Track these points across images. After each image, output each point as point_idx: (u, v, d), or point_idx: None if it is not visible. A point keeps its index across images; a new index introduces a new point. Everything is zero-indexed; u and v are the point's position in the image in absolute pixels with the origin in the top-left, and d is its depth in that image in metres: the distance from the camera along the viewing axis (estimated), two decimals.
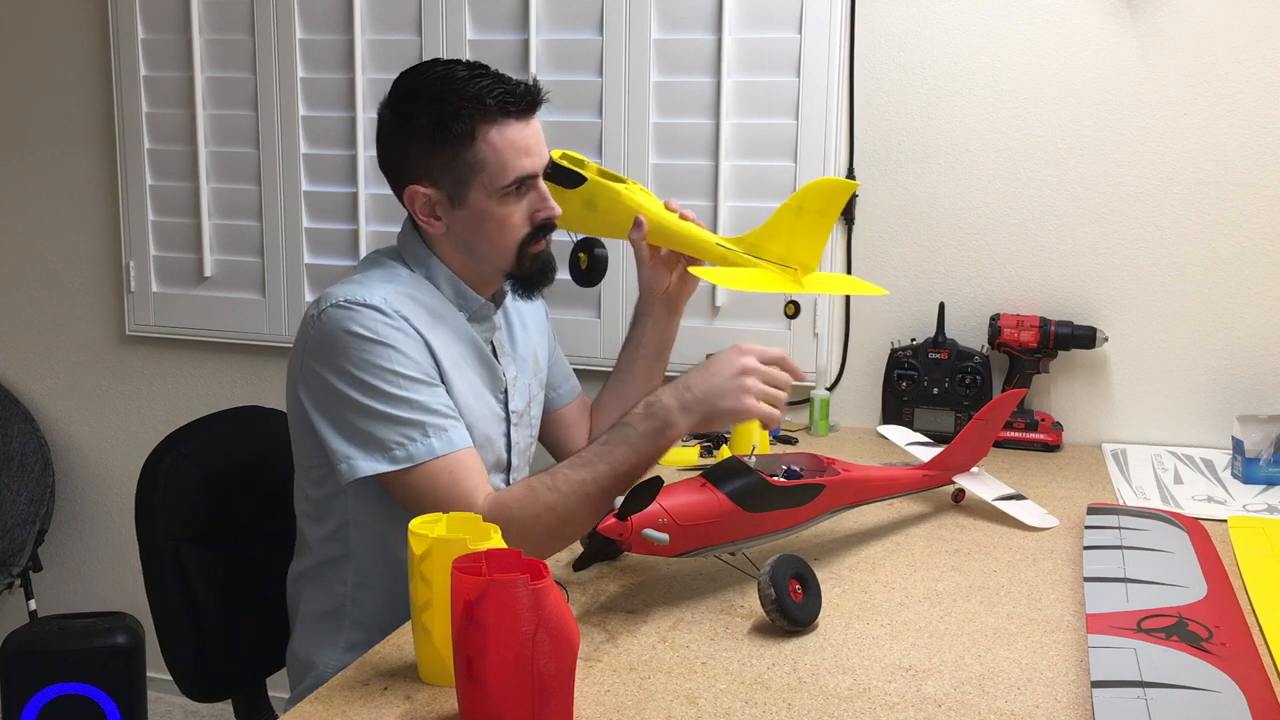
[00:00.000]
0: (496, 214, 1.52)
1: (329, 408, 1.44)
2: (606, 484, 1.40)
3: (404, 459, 1.41)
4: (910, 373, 2.17)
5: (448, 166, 1.50)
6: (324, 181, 2.54)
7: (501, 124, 1.48)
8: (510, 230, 1.54)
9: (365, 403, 1.41)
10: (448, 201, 1.52)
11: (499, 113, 1.48)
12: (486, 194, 1.50)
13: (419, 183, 1.52)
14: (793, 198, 1.65)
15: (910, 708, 1.11)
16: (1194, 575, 1.41)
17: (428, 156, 1.51)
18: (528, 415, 1.71)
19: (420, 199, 1.53)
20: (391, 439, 1.41)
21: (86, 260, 2.76)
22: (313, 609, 1.58)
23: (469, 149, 1.48)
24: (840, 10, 2.20)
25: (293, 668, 1.62)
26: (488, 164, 1.49)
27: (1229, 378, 2.13)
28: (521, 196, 1.53)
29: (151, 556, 1.61)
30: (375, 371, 1.42)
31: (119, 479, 2.81)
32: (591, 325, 2.39)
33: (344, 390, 1.42)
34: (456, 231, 1.54)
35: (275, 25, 2.51)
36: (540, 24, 2.36)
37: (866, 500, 1.54)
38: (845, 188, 1.65)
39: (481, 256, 1.56)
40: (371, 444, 1.41)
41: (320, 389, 1.44)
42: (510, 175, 1.50)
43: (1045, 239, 2.18)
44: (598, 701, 1.11)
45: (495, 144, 1.48)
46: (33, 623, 2.00)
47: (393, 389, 1.42)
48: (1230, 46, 2.06)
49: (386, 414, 1.41)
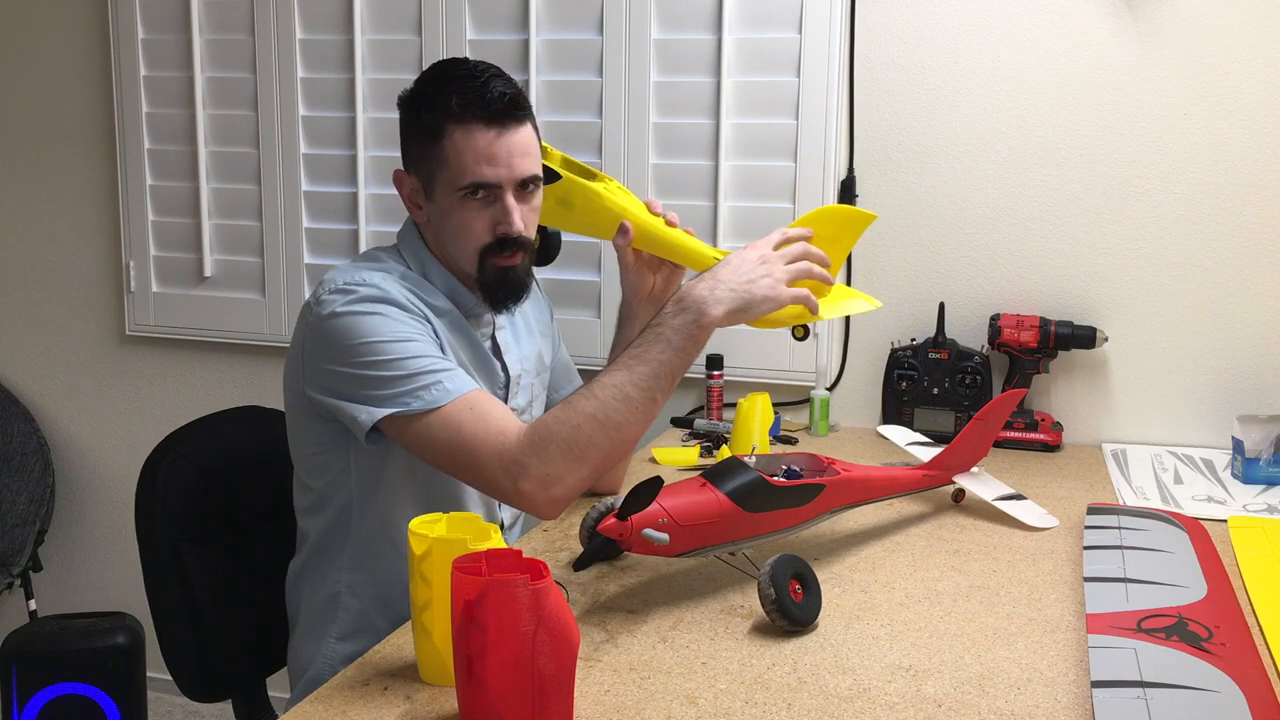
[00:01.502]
0: (457, 214, 1.52)
1: (338, 384, 1.44)
2: (646, 384, 1.35)
3: (420, 406, 1.39)
4: (910, 373, 2.17)
5: (422, 157, 1.53)
6: (324, 181, 2.54)
7: (468, 127, 1.48)
8: (470, 235, 1.52)
9: (372, 371, 1.41)
10: (423, 192, 1.55)
11: (464, 115, 1.48)
12: (448, 192, 1.51)
13: (406, 168, 1.57)
14: (801, 220, 1.60)
15: (910, 708, 1.11)
16: (1194, 575, 1.41)
17: (410, 144, 1.55)
18: (529, 413, 1.71)
19: (407, 184, 1.57)
20: (405, 391, 1.40)
21: (86, 260, 2.76)
22: (311, 602, 1.59)
23: (436, 144, 1.50)
24: (840, 10, 2.20)
25: (293, 666, 1.63)
26: (448, 162, 1.49)
27: (1229, 378, 2.14)
28: (486, 204, 1.51)
29: (151, 556, 1.61)
30: (379, 340, 1.42)
31: (119, 479, 2.81)
32: (591, 325, 2.39)
33: (351, 364, 1.43)
34: (433, 223, 1.57)
35: (275, 25, 2.51)
36: (540, 24, 2.36)
37: (866, 500, 1.54)
38: (862, 219, 1.60)
39: (450, 253, 1.57)
40: (387, 398, 1.41)
41: (327, 372, 1.45)
42: (465, 179, 1.49)
43: (1045, 239, 2.19)
44: (598, 701, 1.11)
45: (457, 145, 1.48)
46: (33, 623, 2.00)
47: (399, 351, 1.41)
48: (1230, 46, 2.06)
49: (395, 374, 1.40)
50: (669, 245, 1.65)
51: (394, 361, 1.41)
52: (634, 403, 1.35)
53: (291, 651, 1.62)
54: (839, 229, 1.60)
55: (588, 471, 1.36)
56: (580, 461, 1.34)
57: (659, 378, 1.36)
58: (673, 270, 1.71)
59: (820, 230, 1.57)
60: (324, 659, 1.56)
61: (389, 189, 2.49)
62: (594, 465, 1.36)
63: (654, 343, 1.37)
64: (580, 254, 2.34)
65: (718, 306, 1.38)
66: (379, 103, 2.48)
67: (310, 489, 1.57)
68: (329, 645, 1.56)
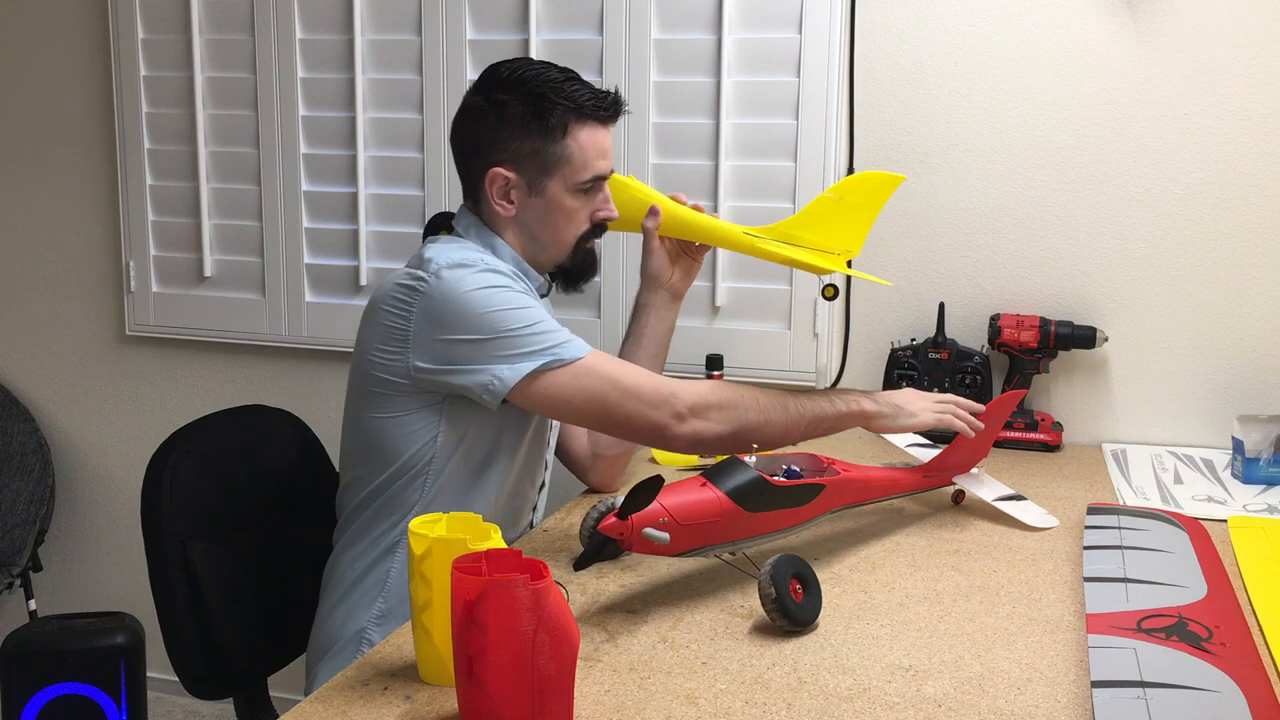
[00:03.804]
0: (567, 206, 1.61)
1: (467, 353, 1.49)
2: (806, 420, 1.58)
3: (570, 355, 1.50)
4: (910, 373, 2.17)
5: (534, 155, 1.58)
6: (324, 181, 2.54)
7: (591, 126, 1.59)
8: (574, 224, 1.63)
9: (512, 334, 1.49)
10: (525, 188, 1.60)
11: (590, 115, 1.59)
12: (564, 187, 1.60)
13: (502, 166, 1.59)
14: (831, 190, 1.70)
15: (910, 708, 1.11)
16: (1194, 575, 1.41)
17: (518, 143, 1.58)
18: None
19: (499, 181, 1.60)
20: (543, 346, 1.49)
21: (86, 260, 2.76)
22: (352, 577, 1.60)
23: (558, 143, 1.58)
24: (840, 10, 2.20)
25: (316, 646, 1.63)
26: (572, 159, 1.58)
27: (1229, 378, 2.13)
28: (591, 195, 1.63)
29: (157, 554, 1.61)
30: (509, 308, 1.50)
31: (119, 479, 2.81)
32: (591, 325, 2.39)
33: (485, 332, 1.48)
34: (524, 217, 1.62)
35: (275, 25, 2.51)
36: (540, 24, 2.36)
37: (866, 500, 1.55)
38: (890, 181, 1.69)
39: (541, 244, 1.64)
40: (532, 353, 1.49)
41: (449, 344, 1.49)
42: (589, 173, 1.60)
43: (1045, 239, 2.19)
44: (598, 701, 1.11)
45: (582, 142, 1.59)
46: (33, 623, 2.00)
47: (528, 318, 1.50)
48: (1230, 46, 2.06)
49: (533, 333, 1.49)
50: (701, 229, 1.74)
51: (527, 325, 1.49)
52: (790, 415, 1.57)
53: (320, 630, 1.63)
54: (868, 195, 1.69)
55: (730, 433, 1.53)
56: (729, 421, 1.52)
57: (815, 416, 1.59)
58: (690, 263, 1.79)
59: (849, 198, 1.69)
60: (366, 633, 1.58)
61: (389, 189, 2.49)
62: (737, 435, 1.53)
63: (834, 403, 1.61)
64: None
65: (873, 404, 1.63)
66: (379, 103, 2.47)
67: (380, 464, 1.58)
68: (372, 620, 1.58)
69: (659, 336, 1.79)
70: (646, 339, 1.79)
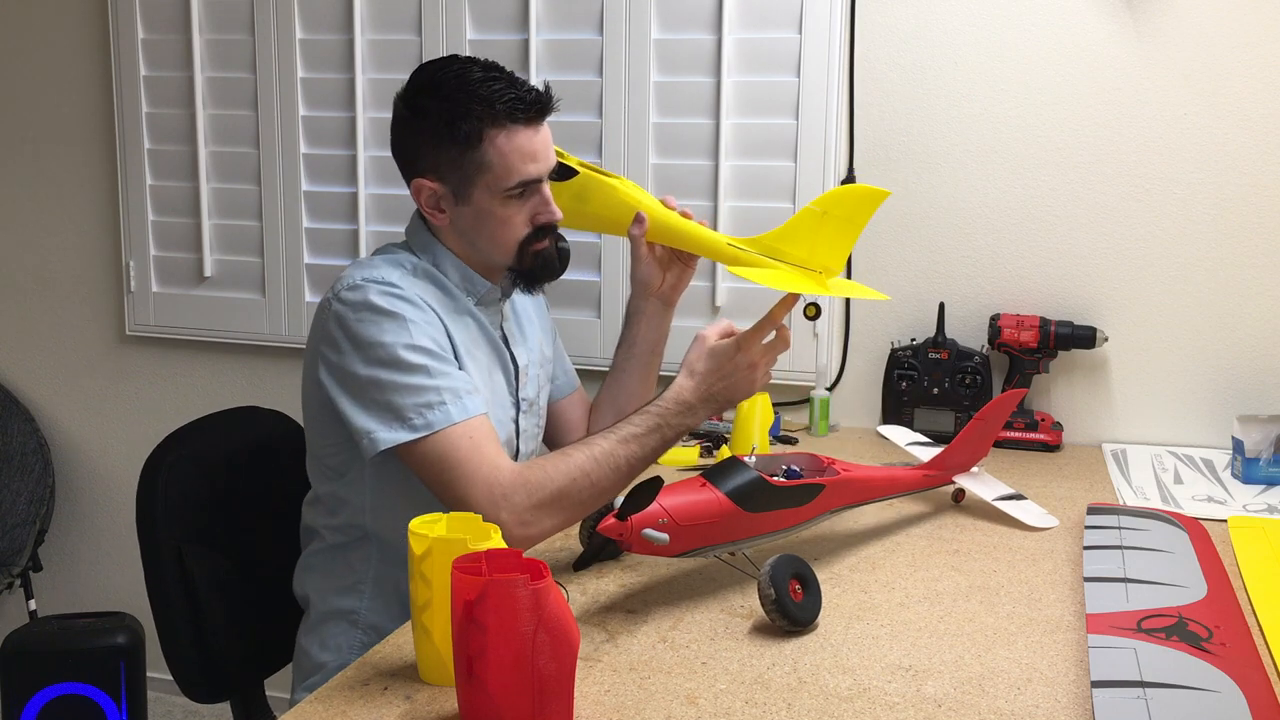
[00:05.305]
0: (498, 214, 1.54)
1: (348, 385, 1.46)
2: (635, 463, 1.48)
3: (422, 427, 1.42)
4: (910, 373, 2.17)
5: (454, 164, 1.52)
6: (324, 181, 2.54)
7: (509, 129, 1.50)
8: (511, 230, 1.56)
9: (382, 375, 1.43)
10: (452, 197, 1.55)
11: (507, 118, 1.50)
12: (490, 194, 1.53)
13: (425, 176, 1.55)
14: (815, 202, 1.62)
15: (910, 708, 1.11)
16: (1194, 575, 1.41)
17: (436, 152, 1.53)
18: (537, 404, 1.73)
19: (426, 192, 1.55)
20: (409, 406, 1.42)
21: (87, 260, 2.76)
22: (328, 588, 1.59)
23: (475, 150, 1.51)
24: (840, 10, 2.20)
25: (300, 660, 1.63)
26: (492, 166, 1.51)
27: (1229, 378, 2.13)
28: (525, 199, 1.55)
29: (153, 556, 1.61)
30: (391, 344, 1.44)
31: (119, 479, 2.81)
32: (591, 325, 2.39)
33: (361, 366, 1.44)
34: (459, 225, 1.57)
35: (275, 25, 2.51)
36: (540, 24, 2.36)
37: (866, 500, 1.54)
38: (875, 196, 1.62)
39: (483, 251, 1.59)
40: (390, 415, 1.43)
41: (339, 370, 1.46)
42: (513, 179, 1.52)
43: (1045, 239, 2.19)
44: (598, 701, 1.11)
45: (501, 148, 1.50)
46: (33, 623, 2.00)
47: (409, 358, 1.44)
48: (1230, 46, 2.06)
49: (403, 384, 1.43)
50: (685, 236, 1.68)
51: (401, 375, 1.43)
52: (621, 474, 1.47)
53: (300, 646, 1.63)
54: (853, 209, 1.62)
55: (563, 521, 1.46)
56: (561, 511, 1.44)
57: (645, 460, 1.49)
58: (683, 270, 1.75)
59: (835, 211, 1.61)
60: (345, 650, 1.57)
61: (389, 189, 2.49)
62: (570, 518, 1.46)
63: (653, 433, 1.48)
64: (580, 254, 2.34)
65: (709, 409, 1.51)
66: (379, 103, 2.47)
67: (325, 488, 1.57)
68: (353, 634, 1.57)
69: (651, 344, 1.78)
70: (638, 347, 1.78)
